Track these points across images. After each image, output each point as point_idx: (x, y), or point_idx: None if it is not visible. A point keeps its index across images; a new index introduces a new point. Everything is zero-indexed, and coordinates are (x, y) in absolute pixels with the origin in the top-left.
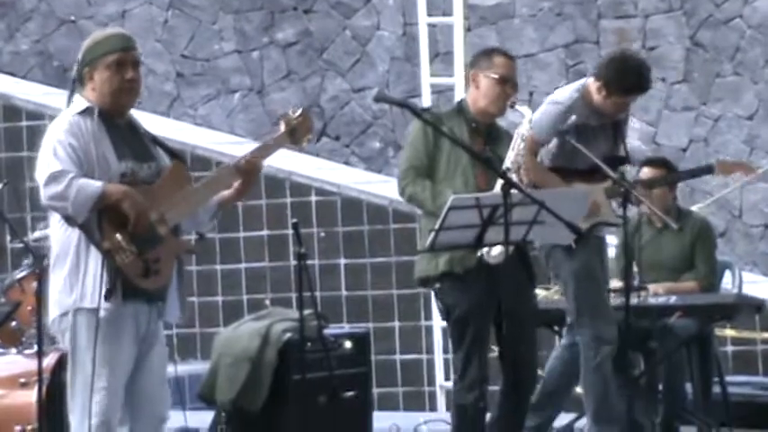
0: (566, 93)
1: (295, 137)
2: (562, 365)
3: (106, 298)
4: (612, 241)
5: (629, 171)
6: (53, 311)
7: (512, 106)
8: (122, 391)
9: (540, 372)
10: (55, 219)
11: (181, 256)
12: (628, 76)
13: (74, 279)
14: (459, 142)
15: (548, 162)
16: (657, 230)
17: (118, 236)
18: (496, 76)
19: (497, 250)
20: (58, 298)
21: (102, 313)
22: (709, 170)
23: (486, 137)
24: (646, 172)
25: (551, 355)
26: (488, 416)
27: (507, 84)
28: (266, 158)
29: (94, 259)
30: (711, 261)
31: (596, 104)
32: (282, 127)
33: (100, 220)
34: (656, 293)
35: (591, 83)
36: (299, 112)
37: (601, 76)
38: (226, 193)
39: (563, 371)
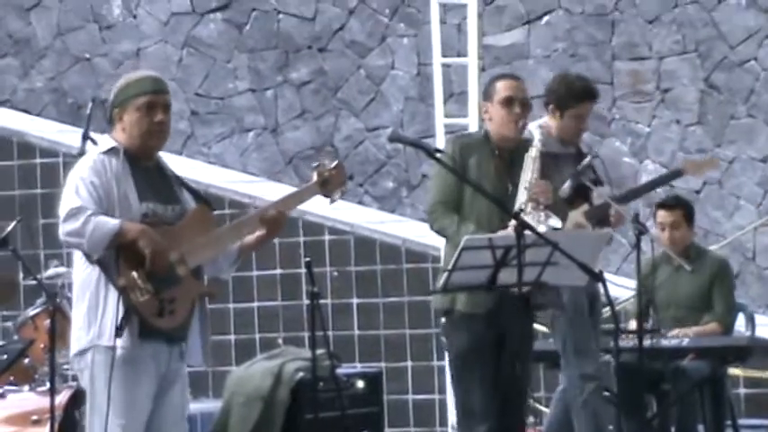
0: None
1: (327, 188)
2: (561, 410)
3: (117, 334)
4: (629, 284)
5: (606, 193)
6: (73, 348)
7: (524, 127)
8: (141, 428)
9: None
10: (77, 256)
11: (202, 298)
12: (573, 85)
13: (92, 316)
14: (471, 183)
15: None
16: (675, 269)
17: (134, 274)
18: (500, 99)
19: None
20: (78, 335)
21: (119, 351)
22: (678, 174)
23: (510, 163)
24: (662, 215)
25: (553, 398)
26: None
27: (513, 103)
28: (294, 208)
29: (113, 297)
30: (730, 301)
31: (557, 131)
32: (315, 177)
33: (117, 258)
34: (683, 336)
35: (546, 117)
36: (335, 164)
37: (550, 100)
38: (247, 239)
39: (562, 414)
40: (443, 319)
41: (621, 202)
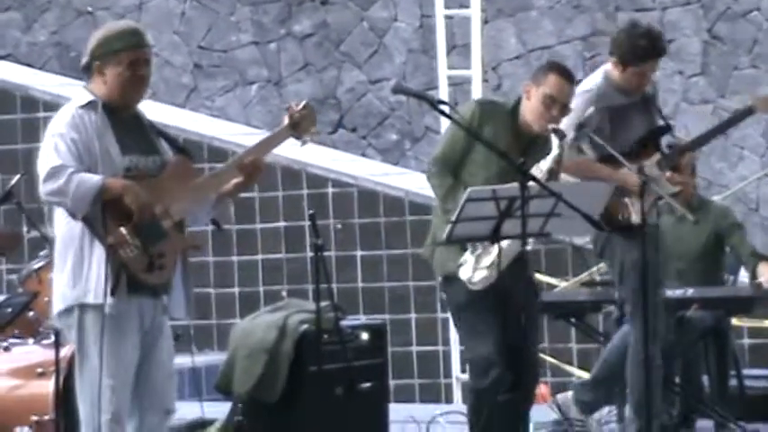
0: (591, 80)
1: (298, 130)
2: (623, 351)
3: (113, 293)
4: None
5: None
6: (57, 305)
7: (554, 131)
8: (130, 385)
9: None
10: (59, 212)
11: (185, 251)
12: (638, 43)
13: (78, 273)
14: (481, 138)
15: (592, 155)
16: (677, 219)
17: (122, 230)
18: (546, 93)
19: (480, 275)
20: (62, 291)
21: (107, 309)
22: (749, 112)
23: (526, 147)
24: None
25: (614, 334)
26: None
27: (555, 105)
28: (269, 152)
29: (99, 254)
30: (749, 242)
31: (620, 83)
32: (286, 120)
33: (103, 215)
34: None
35: (610, 64)
36: (303, 104)
37: (615, 51)
38: (225, 187)
39: (624, 351)
40: (440, 277)
41: (692, 147)
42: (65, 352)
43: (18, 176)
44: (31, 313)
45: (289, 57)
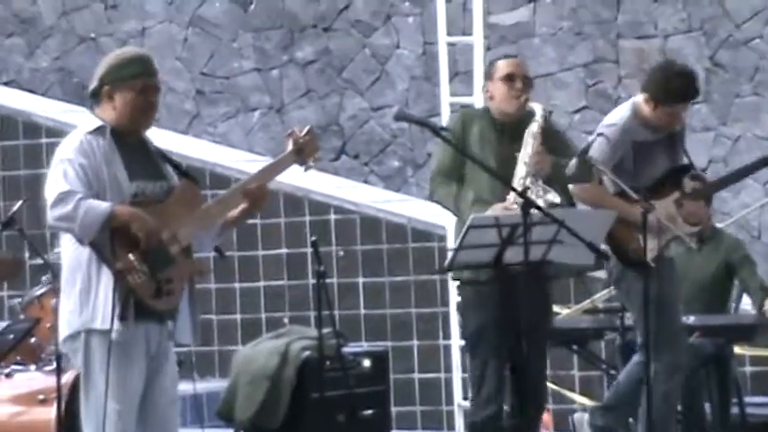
0: (618, 113)
1: (302, 156)
2: (638, 373)
3: (121, 319)
4: None
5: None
6: (63, 331)
7: (526, 101)
8: (135, 412)
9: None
10: (66, 238)
11: (193, 276)
12: (672, 84)
13: (84, 299)
14: (477, 161)
15: (612, 188)
16: (686, 249)
17: (130, 256)
18: (501, 76)
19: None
20: (68, 318)
21: (114, 334)
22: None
23: (511, 138)
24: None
25: (630, 361)
26: None
27: (514, 80)
28: (273, 178)
29: (106, 280)
30: (759, 278)
31: (649, 119)
32: (290, 146)
33: (112, 241)
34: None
35: (640, 98)
36: (306, 129)
37: (647, 88)
38: (230, 214)
39: (639, 380)
40: (459, 299)
41: (713, 190)
42: (66, 378)
43: (20, 202)
44: (32, 340)
45: (291, 83)
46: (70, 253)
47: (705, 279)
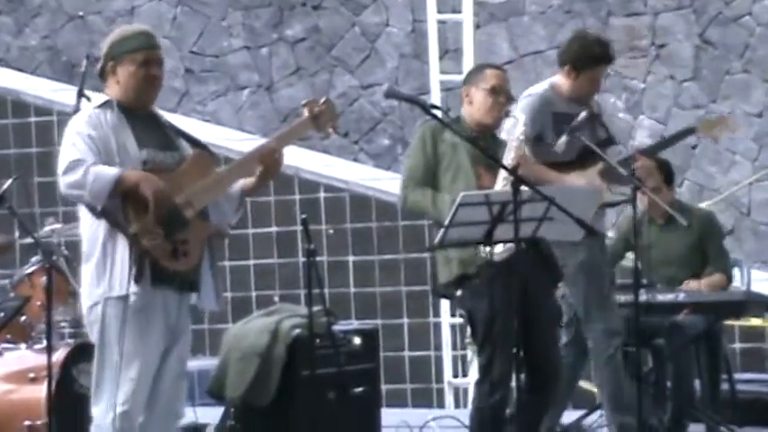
0: (534, 88)
1: (318, 123)
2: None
3: (136, 281)
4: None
5: (620, 152)
6: (84, 304)
7: (506, 114)
8: (150, 382)
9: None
10: (84, 215)
11: (211, 238)
12: (591, 49)
13: (101, 270)
14: (466, 136)
15: (533, 160)
16: (660, 228)
17: (144, 219)
18: (488, 87)
19: (501, 247)
20: (88, 290)
21: (131, 298)
22: (690, 131)
23: (488, 149)
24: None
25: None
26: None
27: (499, 94)
28: (289, 144)
29: (122, 248)
30: (725, 251)
31: (570, 91)
32: (306, 113)
33: (125, 207)
34: (694, 289)
35: (558, 76)
36: (324, 99)
37: (566, 60)
38: (248, 181)
39: (565, 370)
40: (459, 292)
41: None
42: (57, 356)
43: (10, 181)
44: (23, 318)
45: (280, 61)
46: (87, 230)
47: (683, 255)
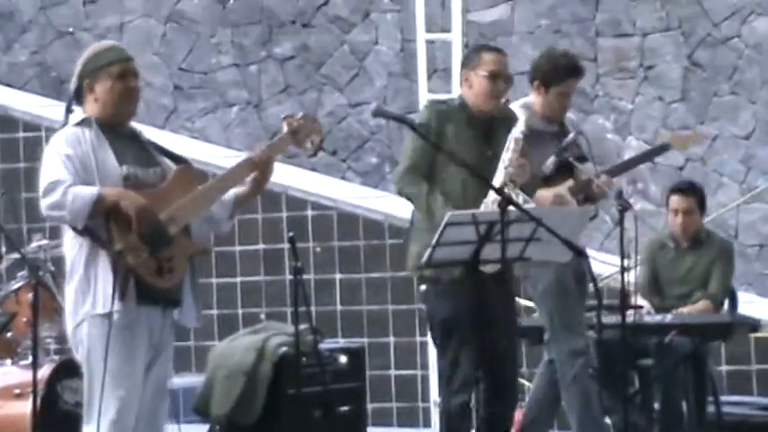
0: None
1: (297, 138)
2: (547, 383)
3: (121, 298)
4: (612, 260)
5: (591, 169)
6: (69, 324)
7: (506, 102)
8: (138, 400)
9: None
10: (68, 235)
11: (193, 256)
12: (559, 63)
13: (85, 287)
14: (454, 157)
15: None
16: (679, 249)
17: (129, 237)
18: (486, 73)
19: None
20: (72, 309)
21: (115, 316)
22: (664, 148)
23: (487, 132)
24: (676, 200)
25: (538, 372)
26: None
27: (498, 78)
28: (273, 157)
29: (104, 267)
30: (726, 282)
31: (540, 108)
32: (285, 128)
33: (109, 225)
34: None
35: (530, 95)
36: (301, 114)
37: (536, 76)
38: (241, 189)
39: (548, 387)
40: (424, 287)
41: (607, 176)
42: (42, 373)
43: None
44: (9, 334)
45: (269, 79)
46: (71, 249)
47: (699, 276)
